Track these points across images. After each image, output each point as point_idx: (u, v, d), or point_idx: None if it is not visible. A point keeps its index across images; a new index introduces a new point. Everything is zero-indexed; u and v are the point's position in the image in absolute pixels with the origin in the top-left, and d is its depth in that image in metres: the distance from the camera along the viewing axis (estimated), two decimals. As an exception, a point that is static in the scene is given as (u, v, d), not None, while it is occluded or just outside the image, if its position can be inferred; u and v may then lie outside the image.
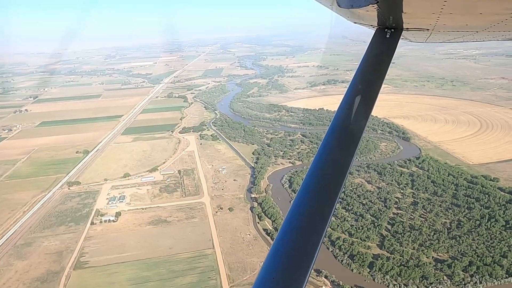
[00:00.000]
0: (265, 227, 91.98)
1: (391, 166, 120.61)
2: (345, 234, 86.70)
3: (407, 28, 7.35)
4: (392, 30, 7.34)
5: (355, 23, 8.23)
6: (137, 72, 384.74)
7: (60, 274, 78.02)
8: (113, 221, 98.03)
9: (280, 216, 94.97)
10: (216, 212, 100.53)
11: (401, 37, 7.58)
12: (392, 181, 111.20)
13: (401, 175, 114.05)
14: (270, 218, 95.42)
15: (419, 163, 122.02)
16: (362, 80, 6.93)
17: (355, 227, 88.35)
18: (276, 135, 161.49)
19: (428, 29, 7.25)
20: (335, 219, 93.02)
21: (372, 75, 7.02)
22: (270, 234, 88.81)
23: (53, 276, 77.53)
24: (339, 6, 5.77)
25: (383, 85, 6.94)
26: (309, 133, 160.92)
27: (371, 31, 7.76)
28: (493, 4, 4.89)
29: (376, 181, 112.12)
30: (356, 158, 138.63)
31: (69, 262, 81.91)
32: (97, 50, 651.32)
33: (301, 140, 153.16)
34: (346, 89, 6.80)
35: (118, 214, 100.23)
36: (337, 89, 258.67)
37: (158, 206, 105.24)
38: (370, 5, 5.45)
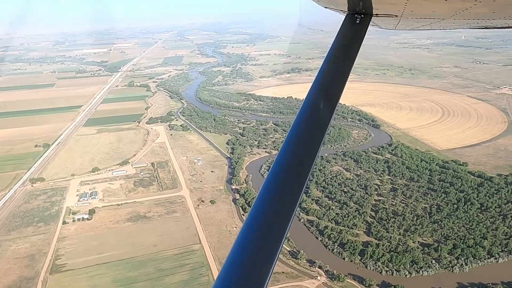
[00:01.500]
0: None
1: (366, 153, 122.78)
2: (332, 223, 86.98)
3: (377, 14, 7.46)
4: (362, 15, 7.40)
5: (326, 7, 8.25)
6: (91, 59, 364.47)
7: (35, 280, 71.80)
8: (87, 219, 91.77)
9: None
10: (198, 205, 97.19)
11: (371, 23, 7.69)
12: (369, 168, 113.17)
13: (377, 162, 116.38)
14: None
15: (392, 150, 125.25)
16: (331, 66, 6.84)
17: (341, 215, 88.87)
18: (248, 125, 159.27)
19: (397, 15, 7.40)
20: (320, 208, 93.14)
21: (341, 61, 6.94)
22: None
23: (27, 283, 71.17)
24: None
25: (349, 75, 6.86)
26: (281, 121, 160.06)
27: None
28: None
29: (353, 168, 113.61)
30: (331, 146, 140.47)
31: (44, 266, 75.59)
32: (42, 36, 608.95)
33: (274, 129, 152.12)
34: (315, 75, 6.69)
35: (92, 212, 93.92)
36: (302, 77, 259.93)
37: (135, 201, 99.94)
38: None
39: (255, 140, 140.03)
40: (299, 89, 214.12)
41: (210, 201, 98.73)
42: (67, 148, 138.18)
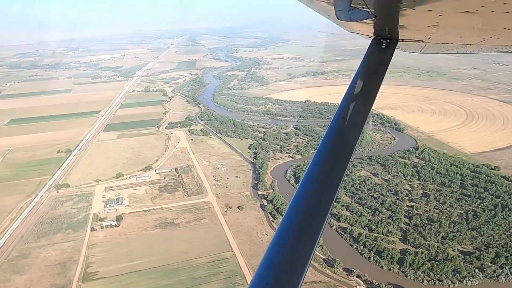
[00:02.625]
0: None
1: (392, 157, 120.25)
2: (365, 230, 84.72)
3: (403, 39, 7.62)
4: (388, 40, 7.55)
5: (352, 32, 8.35)
6: (105, 65, 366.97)
7: (68, 288, 70.75)
8: (115, 225, 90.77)
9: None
10: (226, 211, 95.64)
11: (396, 47, 7.83)
12: (397, 173, 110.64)
13: (404, 166, 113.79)
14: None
15: (419, 154, 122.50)
16: (357, 89, 7.08)
17: (374, 222, 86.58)
18: (268, 129, 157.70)
19: (423, 41, 7.58)
20: (351, 214, 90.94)
21: (368, 84, 7.17)
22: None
23: (60, 291, 70.13)
24: (338, 18, 5.59)
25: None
26: (302, 125, 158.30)
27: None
28: (486, 20, 4.95)
29: (381, 173, 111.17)
30: (356, 149, 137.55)
31: (75, 274, 74.59)
32: (56, 42, 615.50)
33: (295, 133, 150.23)
34: (342, 97, 6.95)
35: (119, 218, 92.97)
36: (318, 80, 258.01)
37: (162, 207, 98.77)
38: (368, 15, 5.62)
39: (277, 145, 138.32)
40: (316, 93, 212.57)
41: (237, 207, 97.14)
42: (89, 153, 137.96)
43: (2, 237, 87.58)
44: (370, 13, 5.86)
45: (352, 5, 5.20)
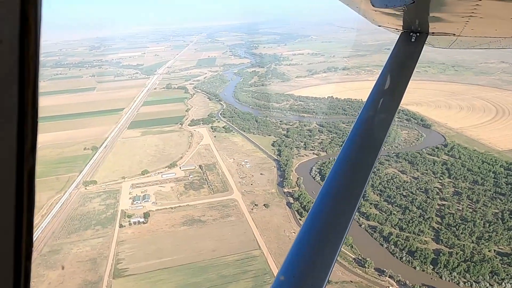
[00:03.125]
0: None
1: (420, 154, 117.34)
2: (395, 229, 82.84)
3: (433, 33, 7.47)
4: (418, 34, 7.38)
5: (380, 26, 8.24)
6: (127, 63, 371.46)
7: (99, 284, 71.78)
8: (143, 222, 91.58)
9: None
10: (252, 209, 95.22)
11: (426, 41, 7.62)
12: (426, 170, 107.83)
13: (434, 164, 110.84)
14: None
15: (448, 151, 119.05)
16: (386, 84, 7.04)
17: (405, 221, 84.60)
18: (291, 126, 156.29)
19: (454, 34, 7.42)
20: (380, 212, 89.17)
21: (396, 79, 7.08)
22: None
23: (91, 287, 71.11)
24: (373, 6, 5.49)
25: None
26: (325, 122, 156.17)
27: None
28: None
29: (410, 171, 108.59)
30: (382, 146, 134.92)
31: (106, 270, 75.58)
32: (78, 41, 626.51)
33: (319, 130, 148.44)
34: (370, 91, 6.89)
35: (146, 215, 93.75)
36: (340, 76, 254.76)
37: (188, 204, 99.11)
38: (397, 8, 5.47)
39: (301, 142, 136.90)
40: (339, 89, 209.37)
41: (263, 205, 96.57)
42: (115, 150, 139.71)
43: (34, 232, 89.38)
44: (398, 13, 5.77)
45: (376, 13, 4.92)
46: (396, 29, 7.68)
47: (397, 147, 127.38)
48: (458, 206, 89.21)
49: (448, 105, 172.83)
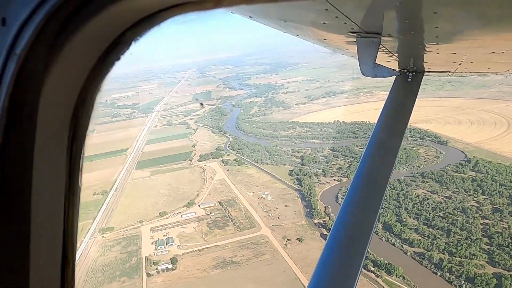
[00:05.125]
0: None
1: (446, 172, 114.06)
2: (444, 254, 77.99)
3: (429, 71, 7.77)
4: (414, 73, 7.56)
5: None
6: (122, 103, 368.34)
7: None
8: (172, 269, 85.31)
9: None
10: (285, 244, 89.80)
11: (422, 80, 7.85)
12: (457, 189, 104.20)
13: (463, 181, 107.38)
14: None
15: (473, 167, 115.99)
16: (386, 125, 7.19)
17: (452, 244, 79.94)
18: (304, 153, 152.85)
19: (450, 71, 7.90)
20: (423, 237, 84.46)
21: (396, 119, 7.29)
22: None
23: None
24: (363, 75, 5.61)
25: (387, 93, 7.59)
26: (338, 147, 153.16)
27: None
28: None
29: (440, 190, 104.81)
30: (403, 167, 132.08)
31: (141, 327, 68.80)
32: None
33: (333, 155, 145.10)
34: (371, 134, 6.96)
35: (174, 260, 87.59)
36: (340, 100, 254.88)
37: (215, 245, 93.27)
38: (393, 55, 5.58)
39: (318, 169, 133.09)
40: (342, 113, 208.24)
41: (297, 239, 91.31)
42: (126, 193, 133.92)
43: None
44: (393, 56, 5.83)
45: (376, 62, 4.99)
46: (392, 69, 7.51)
47: (419, 166, 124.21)
48: (503, 224, 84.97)
49: (457, 120, 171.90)
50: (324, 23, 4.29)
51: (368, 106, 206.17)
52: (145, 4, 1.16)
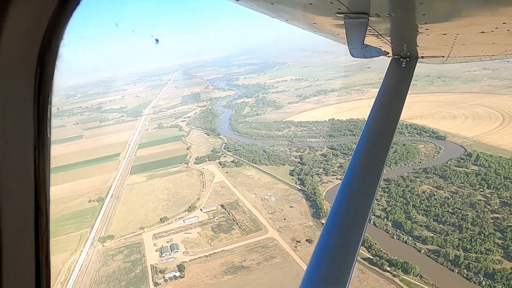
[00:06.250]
0: (364, 255, 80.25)
1: (449, 167, 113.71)
2: (459, 250, 76.97)
3: (422, 56, 7.80)
4: (407, 59, 7.63)
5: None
6: (109, 107, 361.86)
7: None
8: (180, 276, 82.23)
9: (372, 240, 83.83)
10: (295, 246, 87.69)
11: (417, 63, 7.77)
12: (462, 183, 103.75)
13: (467, 175, 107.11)
14: (362, 244, 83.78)
15: (475, 161, 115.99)
16: (381, 111, 7.17)
17: (465, 240, 79.02)
18: (302, 152, 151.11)
19: (443, 56, 7.86)
20: (435, 234, 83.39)
21: (391, 104, 7.22)
22: (375, 262, 77.21)
23: None
24: (352, 56, 5.70)
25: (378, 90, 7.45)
26: (336, 145, 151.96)
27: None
28: (505, 37, 4.93)
29: (445, 186, 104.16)
30: (405, 163, 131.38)
31: None
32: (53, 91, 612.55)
33: (332, 154, 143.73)
34: (366, 120, 7.03)
35: (181, 267, 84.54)
36: (332, 98, 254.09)
37: (223, 250, 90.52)
38: (385, 39, 5.59)
39: (319, 168, 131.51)
40: (336, 111, 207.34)
41: (306, 240, 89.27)
42: (123, 199, 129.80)
43: (58, 304, 78.60)
44: (385, 40, 5.78)
45: (365, 43, 5.02)
46: (387, 55, 7.68)
47: (420, 162, 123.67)
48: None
49: (452, 115, 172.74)
50: (311, 3, 4.18)
51: (361, 104, 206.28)
52: None
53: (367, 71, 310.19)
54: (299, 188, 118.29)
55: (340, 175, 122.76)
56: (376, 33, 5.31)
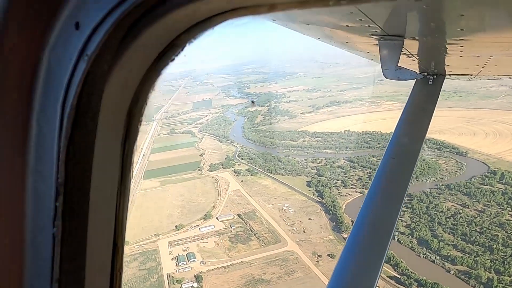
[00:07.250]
0: (390, 273, 77.18)
1: (473, 185, 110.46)
2: (492, 273, 73.68)
3: (450, 74, 7.68)
4: (435, 76, 7.49)
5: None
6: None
7: None
8: (198, 287, 79.69)
9: (398, 258, 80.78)
10: (317, 261, 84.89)
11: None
12: (488, 202, 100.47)
13: (493, 194, 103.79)
14: (387, 262, 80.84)
15: (500, 179, 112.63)
16: (406, 128, 7.08)
17: (498, 262, 75.70)
18: (318, 163, 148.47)
19: (471, 75, 7.83)
20: (464, 254, 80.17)
21: (417, 122, 7.19)
22: (403, 282, 74.15)
23: None
24: (385, 77, 5.65)
25: (392, 103, 14.34)
26: (353, 157, 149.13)
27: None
28: None
29: (470, 204, 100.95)
30: (426, 179, 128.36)
31: None
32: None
33: (350, 166, 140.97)
34: (390, 138, 6.92)
35: (199, 278, 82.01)
36: (345, 109, 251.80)
37: (241, 261, 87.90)
38: (414, 57, 5.48)
39: (337, 180, 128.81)
40: (350, 122, 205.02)
41: (328, 255, 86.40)
42: (137, 205, 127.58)
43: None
44: (414, 58, 5.70)
45: (399, 65, 4.84)
46: (415, 72, 7.42)
47: (442, 178, 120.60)
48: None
49: (471, 131, 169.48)
50: (347, 25, 4.21)
51: (376, 116, 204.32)
52: (202, 9, 1.21)
53: (380, 84, 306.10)
54: (318, 200, 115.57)
55: (360, 188, 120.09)
56: (407, 53, 5.13)
